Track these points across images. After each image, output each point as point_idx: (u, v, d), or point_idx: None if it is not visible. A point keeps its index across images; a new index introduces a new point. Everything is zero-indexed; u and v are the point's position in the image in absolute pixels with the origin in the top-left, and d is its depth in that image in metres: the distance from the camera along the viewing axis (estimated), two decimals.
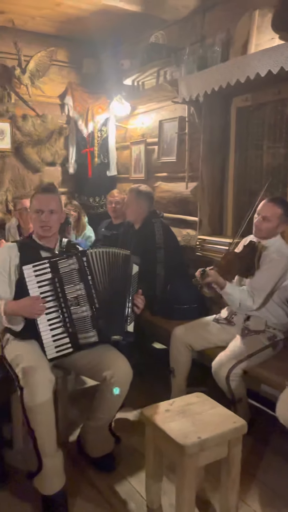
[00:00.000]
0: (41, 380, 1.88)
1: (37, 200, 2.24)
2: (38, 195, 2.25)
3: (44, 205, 2.21)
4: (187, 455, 1.64)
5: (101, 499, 1.99)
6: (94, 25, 3.83)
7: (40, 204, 2.21)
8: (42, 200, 2.22)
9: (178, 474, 1.71)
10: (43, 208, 2.20)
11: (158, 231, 3.04)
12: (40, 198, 2.23)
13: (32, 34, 4.05)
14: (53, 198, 2.25)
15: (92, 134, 4.35)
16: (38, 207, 2.21)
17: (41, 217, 2.19)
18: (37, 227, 2.23)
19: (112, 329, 2.15)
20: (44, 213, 2.20)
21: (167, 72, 3.45)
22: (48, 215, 2.20)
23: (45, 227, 2.21)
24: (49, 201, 2.22)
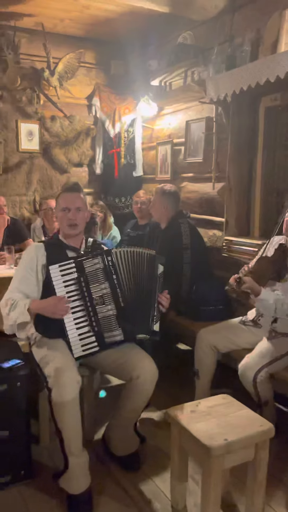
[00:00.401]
0: (69, 381, 1.90)
1: (63, 198, 2.27)
2: (64, 194, 2.29)
3: (71, 203, 2.24)
4: (213, 457, 1.63)
5: (126, 497, 1.99)
6: (122, 27, 3.86)
7: (67, 202, 2.25)
8: (68, 198, 2.26)
9: (204, 475, 1.71)
10: (69, 206, 2.24)
11: (185, 231, 3.03)
12: (66, 197, 2.27)
13: (60, 36, 4.12)
14: (78, 196, 2.29)
15: (119, 134, 4.38)
16: (65, 205, 2.24)
17: (68, 215, 2.22)
18: (64, 225, 2.26)
19: (137, 328, 2.16)
20: (71, 211, 2.23)
21: (195, 73, 3.44)
22: (75, 213, 2.23)
23: (72, 225, 2.24)
24: (75, 199, 2.26)
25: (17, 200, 4.19)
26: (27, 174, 4.21)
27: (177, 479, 1.90)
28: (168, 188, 3.20)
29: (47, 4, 3.47)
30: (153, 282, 2.17)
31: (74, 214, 2.23)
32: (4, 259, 3.16)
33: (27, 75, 4.07)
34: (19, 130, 4.11)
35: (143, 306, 2.17)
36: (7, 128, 4.07)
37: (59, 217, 2.28)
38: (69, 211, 2.23)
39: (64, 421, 1.89)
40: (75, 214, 2.23)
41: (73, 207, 2.24)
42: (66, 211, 2.23)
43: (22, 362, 2.12)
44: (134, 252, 2.20)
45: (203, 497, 1.73)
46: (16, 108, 4.08)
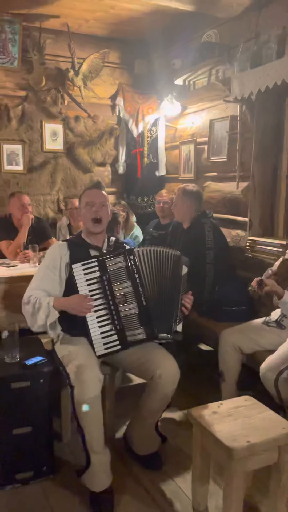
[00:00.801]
0: (91, 378, 1.92)
1: (88, 194, 2.31)
2: (88, 191, 2.33)
3: (95, 197, 2.28)
4: (236, 459, 1.61)
5: (147, 497, 1.99)
6: (146, 26, 3.86)
7: (91, 197, 2.28)
8: (92, 194, 2.30)
9: (226, 477, 1.69)
10: (94, 200, 2.27)
11: (208, 231, 3.00)
12: (90, 193, 2.32)
13: (85, 37, 4.15)
14: (102, 193, 2.33)
15: (142, 134, 4.39)
16: (89, 199, 2.27)
17: (93, 209, 2.25)
18: (88, 221, 2.27)
19: (159, 327, 2.16)
20: (95, 205, 2.26)
21: (219, 71, 3.41)
22: (99, 207, 2.26)
23: (96, 220, 2.25)
24: (99, 195, 2.30)
25: (41, 199, 4.24)
26: (51, 174, 4.25)
27: (199, 480, 1.89)
28: (190, 188, 3.18)
29: (73, 5, 3.50)
30: (177, 283, 2.17)
31: (98, 208, 2.26)
32: (29, 258, 3.20)
33: (51, 75, 4.12)
34: (44, 130, 4.16)
35: (166, 306, 2.16)
36: (32, 129, 4.12)
37: (83, 213, 2.30)
38: (93, 205, 2.26)
39: (86, 419, 1.91)
40: (99, 208, 2.26)
41: (97, 202, 2.27)
42: (90, 205, 2.26)
43: (45, 359, 2.14)
44: (158, 251, 2.20)
45: (225, 499, 1.71)
46: (40, 109, 4.13)
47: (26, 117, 4.08)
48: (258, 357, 2.47)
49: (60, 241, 2.43)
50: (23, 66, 3.99)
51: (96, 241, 2.33)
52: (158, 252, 2.20)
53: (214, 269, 2.98)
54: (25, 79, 4.03)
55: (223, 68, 3.35)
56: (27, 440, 2.05)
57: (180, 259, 2.20)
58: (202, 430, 1.79)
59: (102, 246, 2.34)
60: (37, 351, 2.23)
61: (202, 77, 3.67)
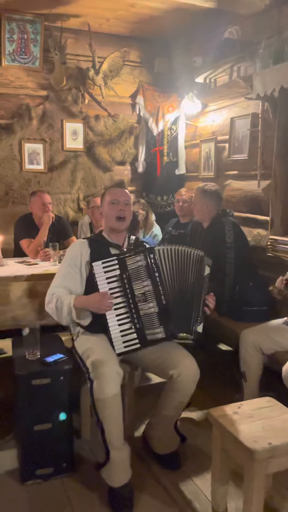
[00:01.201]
0: (110, 373, 1.92)
1: (112, 192, 2.32)
2: (112, 189, 2.36)
3: (120, 196, 2.30)
4: (257, 461, 1.59)
5: (166, 496, 1.99)
6: (167, 24, 3.85)
7: (116, 195, 2.30)
8: (117, 192, 2.32)
9: (246, 479, 1.67)
10: (118, 199, 2.28)
11: (229, 230, 2.97)
12: (115, 191, 2.33)
13: (105, 35, 4.15)
14: (126, 192, 2.35)
15: (162, 132, 4.38)
16: (114, 198, 2.29)
17: (117, 207, 2.26)
18: (112, 219, 2.28)
19: (179, 326, 2.15)
20: (120, 204, 2.27)
21: (241, 68, 3.37)
22: (123, 206, 2.28)
23: (120, 218, 2.26)
24: (123, 194, 2.32)
25: (62, 198, 4.27)
26: (71, 173, 4.28)
27: (219, 481, 1.88)
28: (209, 187, 3.15)
29: (94, 4, 3.51)
30: (199, 283, 2.16)
31: (122, 207, 2.27)
32: (49, 256, 3.23)
33: (72, 75, 4.14)
34: (64, 130, 4.18)
35: (187, 305, 2.16)
36: (53, 128, 4.16)
37: (107, 211, 2.31)
38: (118, 204, 2.27)
39: (105, 413, 1.91)
40: (123, 207, 2.27)
41: (122, 200, 2.28)
42: (115, 203, 2.27)
43: (65, 357, 2.16)
44: (179, 250, 2.19)
45: (245, 501, 1.69)
46: (61, 108, 4.15)
47: (47, 117, 4.12)
48: (279, 357, 2.43)
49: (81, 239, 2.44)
50: (45, 66, 4.03)
51: (117, 240, 2.33)
52: (180, 251, 2.19)
53: (234, 269, 2.96)
54: (46, 78, 4.06)
55: (245, 65, 3.31)
56: (48, 437, 2.07)
57: (203, 259, 2.19)
58: (223, 430, 1.77)
59: (123, 244, 2.34)
60: (57, 349, 2.25)
61: (223, 74, 3.64)
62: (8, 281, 2.75)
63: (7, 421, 2.49)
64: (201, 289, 2.16)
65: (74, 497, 1.98)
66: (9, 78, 3.96)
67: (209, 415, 1.85)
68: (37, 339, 2.16)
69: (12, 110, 4.00)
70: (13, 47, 3.86)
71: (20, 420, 2.08)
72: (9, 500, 1.96)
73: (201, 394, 2.47)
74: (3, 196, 4.05)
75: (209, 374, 2.75)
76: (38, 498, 1.97)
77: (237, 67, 3.44)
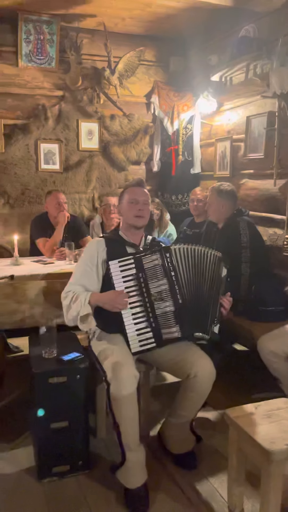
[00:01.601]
0: (127, 375, 1.93)
1: (132, 191, 2.31)
2: (132, 188, 2.33)
3: (139, 195, 2.29)
4: (274, 462, 1.58)
5: (182, 496, 1.99)
6: (182, 23, 3.84)
7: (135, 194, 2.29)
8: (137, 191, 2.31)
9: (263, 480, 1.66)
10: (138, 198, 2.28)
11: (244, 230, 2.95)
12: (134, 190, 2.32)
13: (121, 35, 4.16)
14: (145, 191, 2.34)
15: (177, 132, 4.36)
16: (134, 197, 2.28)
17: (137, 206, 2.26)
18: (131, 216, 2.27)
19: (195, 326, 2.15)
20: (139, 203, 2.27)
21: (257, 66, 3.34)
22: (143, 205, 2.27)
23: (139, 216, 2.26)
24: (143, 193, 2.31)
25: (77, 197, 4.29)
26: (86, 172, 4.30)
27: (235, 482, 1.86)
28: (225, 187, 3.12)
29: (110, 3, 3.52)
30: (217, 284, 2.16)
31: (142, 206, 2.27)
32: (65, 255, 3.25)
33: (88, 75, 4.16)
34: (80, 130, 4.20)
35: (203, 305, 2.15)
36: (68, 128, 4.18)
37: (125, 209, 2.30)
38: (137, 203, 2.27)
39: (122, 415, 1.92)
40: (142, 206, 2.27)
41: (141, 200, 2.28)
42: (134, 203, 2.27)
43: (82, 356, 2.17)
44: (196, 250, 2.18)
45: (262, 502, 1.68)
46: (77, 108, 4.18)
47: (63, 117, 4.14)
48: None
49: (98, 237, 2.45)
50: (60, 66, 4.06)
51: (134, 239, 2.33)
52: (197, 250, 2.19)
53: (250, 268, 2.93)
54: (62, 79, 4.08)
55: (262, 63, 3.28)
56: (64, 435, 2.09)
57: (221, 260, 2.18)
58: (239, 431, 1.76)
59: (139, 244, 2.35)
60: (73, 347, 2.26)
61: (239, 73, 3.61)
62: (24, 280, 2.78)
63: (24, 419, 2.51)
64: (218, 290, 2.15)
65: (90, 495, 1.99)
66: (26, 79, 4.00)
67: (225, 416, 1.84)
68: (54, 337, 2.18)
69: (28, 111, 4.04)
70: (29, 48, 3.90)
71: (36, 417, 2.09)
72: (26, 496, 1.98)
73: (217, 394, 2.46)
74: (20, 195, 4.08)
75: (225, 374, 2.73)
76: (55, 495, 1.99)
77: (254, 65, 3.41)
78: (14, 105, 4.00)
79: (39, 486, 2.05)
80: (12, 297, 2.75)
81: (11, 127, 3.99)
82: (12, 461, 2.21)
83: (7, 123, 3.97)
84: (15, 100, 3.99)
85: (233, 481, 1.88)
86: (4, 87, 3.93)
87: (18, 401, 2.71)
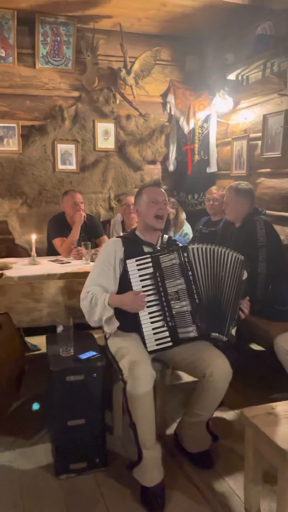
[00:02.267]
0: (143, 374, 1.94)
1: (152, 191, 2.31)
2: (151, 188, 2.34)
3: (159, 195, 2.29)
4: None
5: (198, 495, 1.99)
6: (198, 21, 3.83)
7: (156, 194, 2.29)
8: (156, 191, 2.31)
9: (281, 480, 1.65)
10: (158, 198, 2.28)
11: (261, 229, 2.93)
12: (154, 190, 2.32)
13: (137, 35, 4.18)
14: (163, 191, 2.35)
15: (193, 131, 4.36)
16: (154, 197, 2.28)
17: (157, 207, 2.26)
18: (151, 217, 2.27)
19: (212, 326, 2.15)
20: (160, 203, 2.27)
21: (274, 64, 3.31)
22: (162, 205, 2.28)
23: (159, 216, 2.26)
24: (162, 193, 2.32)
25: (93, 197, 4.32)
26: (102, 172, 4.33)
27: (252, 482, 1.86)
28: (243, 186, 3.11)
29: (126, 4, 3.53)
30: (238, 287, 2.15)
31: (161, 206, 2.27)
32: (81, 254, 3.28)
33: (104, 75, 4.19)
34: (96, 130, 4.24)
35: (221, 306, 2.15)
36: (85, 128, 4.22)
37: (144, 210, 2.29)
38: (157, 202, 2.27)
39: (138, 414, 1.93)
40: (162, 206, 2.28)
41: (161, 199, 2.28)
42: (155, 202, 2.27)
43: (98, 354, 2.19)
44: (215, 250, 2.18)
45: (279, 503, 1.67)
46: (93, 108, 4.21)
47: (79, 117, 4.18)
48: None
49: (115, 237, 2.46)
50: (77, 67, 4.09)
51: (151, 238, 2.34)
52: (216, 251, 2.18)
53: (267, 268, 2.91)
54: (79, 79, 4.12)
55: (279, 61, 3.25)
56: (81, 432, 2.11)
57: (243, 263, 2.18)
58: (256, 431, 1.76)
59: (156, 243, 2.35)
60: (90, 346, 2.28)
61: (256, 71, 3.58)
62: (42, 279, 2.82)
63: (42, 416, 2.55)
64: (239, 293, 2.15)
65: (107, 492, 2.01)
66: (43, 80, 4.04)
67: (242, 415, 1.84)
68: (71, 336, 2.20)
69: (46, 112, 4.09)
70: (46, 49, 3.94)
71: (54, 415, 2.13)
72: (44, 493, 2.01)
73: (233, 394, 2.46)
74: (37, 195, 4.14)
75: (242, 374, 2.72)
76: (72, 492, 2.01)
77: (271, 63, 3.38)
78: (32, 107, 4.05)
79: (56, 482, 2.07)
80: (30, 296, 2.79)
81: (29, 128, 4.04)
82: (31, 458, 2.25)
83: (25, 124, 4.03)
84: (33, 101, 4.05)
85: (249, 481, 1.87)
86: (22, 89, 3.99)
87: (36, 399, 2.74)
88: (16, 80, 3.96)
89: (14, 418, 2.55)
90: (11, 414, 2.56)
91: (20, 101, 4.01)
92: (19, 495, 1.99)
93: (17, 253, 4.03)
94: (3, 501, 1.95)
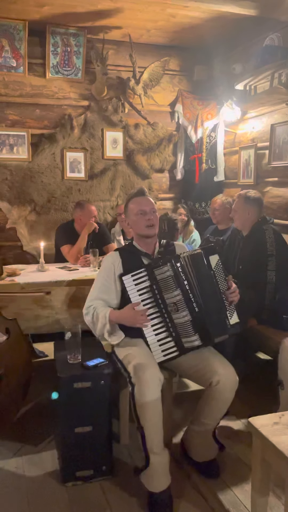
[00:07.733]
0: (152, 377, 1.95)
1: (137, 202, 2.31)
2: (136, 199, 2.33)
3: (146, 205, 2.29)
4: None
5: (204, 504, 1.98)
6: (206, 32, 3.87)
7: (142, 205, 2.29)
8: (142, 202, 2.31)
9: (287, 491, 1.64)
10: (145, 209, 2.28)
11: (270, 238, 2.93)
12: (139, 200, 2.31)
13: (145, 45, 4.23)
14: (150, 200, 2.34)
15: (201, 140, 4.38)
16: (140, 208, 2.28)
17: (145, 217, 2.27)
18: (142, 227, 2.28)
19: (214, 330, 2.16)
20: (148, 213, 2.28)
21: (282, 74, 3.34)
22: (151, 214, 2.28)
23: (150, 226, 2.27)
24: (149, 202, 2.32)
25: (101, 205, 4.35)
26: (110, 180, 4.36)
27: (259, 492, 1.85)
28: (252, 194, 3.12)
29: (135, 15, 3.58)
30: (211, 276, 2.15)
31: (151, 214, 2.28)
32: (89, 262, 3.30)
33: (113, 85, 4.23)
34: (105, 138, 4.28)
35: (214, 306, 2.16)
36: (93, 137, 4.26)
37: (134, 221, 2.31)
38: (145, 213, 2.28)
39: (146, 418, 1.93)
40: (151, 215, 2.28)
41: (148, 209, 2.28)
42: (142, 214, 2.28)
43: (106, 361, 2.20)
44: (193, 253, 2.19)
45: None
46: (102, 117, 4.25)
47: (88, 126, 4.22)
48: None
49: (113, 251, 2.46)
50: (86, 77, 4.15)
51: (147, 248, 2.34)
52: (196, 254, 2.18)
53: (276, 277, 2.91)
54: (88, 89, 4.17)
55: (286, 72, 3.28)
56: (88, 439, 2.11)
57: (205, 253, 2.17)
58: (263, 440, 1.75)
59: (153, 252, 2.35)
60: (97, 353, 2.29)
61: (264, 81, 3.62)
62: (49, 286, 2.84)
63: (49, 423, 2.55)
64: (216, 281, 2.15)
65: (113, 500, 2.00)
66: (53, 90, 4.10)
67: (249, 425, 1.83)
68: (79, 343, 2.21)
69: (55, 120, 4.14)
70: (57, 59, 4.00)
71: (61, 422, 2.13)
72: (50, 500, 2.01)
73: (240, 403, 2.45)
74: (46, 203, 4.17)
75: (248, 383, 2.72)
76: (78, 499, 2.01)
77: (278, 73, 3.41)
78: (42, 115, 4.10)
79: (63, 489, 2.07)
80: (38, 303, 2.81)
81: (38, 137, 4.09)
82: (38, 464, 2.25)
83: (34, 133, 4.08)
84: (43, 110, 4.10)
85: (256, 491, 1.86)
86: (33, 98, 4.04)
87: (43, 405, 2.75)
88: (27, 90, 4.02)
89: (21, 424, 2.56)
90: (18, 420, 2.57)
91: (30, 110, 4.06)
92: (25, 502, 1.99)
93: (26, 260, 4.06)
94: (10, 507, 1.96)
